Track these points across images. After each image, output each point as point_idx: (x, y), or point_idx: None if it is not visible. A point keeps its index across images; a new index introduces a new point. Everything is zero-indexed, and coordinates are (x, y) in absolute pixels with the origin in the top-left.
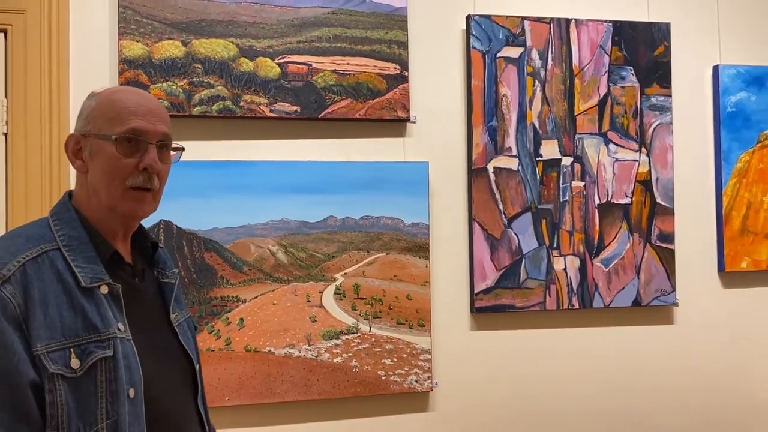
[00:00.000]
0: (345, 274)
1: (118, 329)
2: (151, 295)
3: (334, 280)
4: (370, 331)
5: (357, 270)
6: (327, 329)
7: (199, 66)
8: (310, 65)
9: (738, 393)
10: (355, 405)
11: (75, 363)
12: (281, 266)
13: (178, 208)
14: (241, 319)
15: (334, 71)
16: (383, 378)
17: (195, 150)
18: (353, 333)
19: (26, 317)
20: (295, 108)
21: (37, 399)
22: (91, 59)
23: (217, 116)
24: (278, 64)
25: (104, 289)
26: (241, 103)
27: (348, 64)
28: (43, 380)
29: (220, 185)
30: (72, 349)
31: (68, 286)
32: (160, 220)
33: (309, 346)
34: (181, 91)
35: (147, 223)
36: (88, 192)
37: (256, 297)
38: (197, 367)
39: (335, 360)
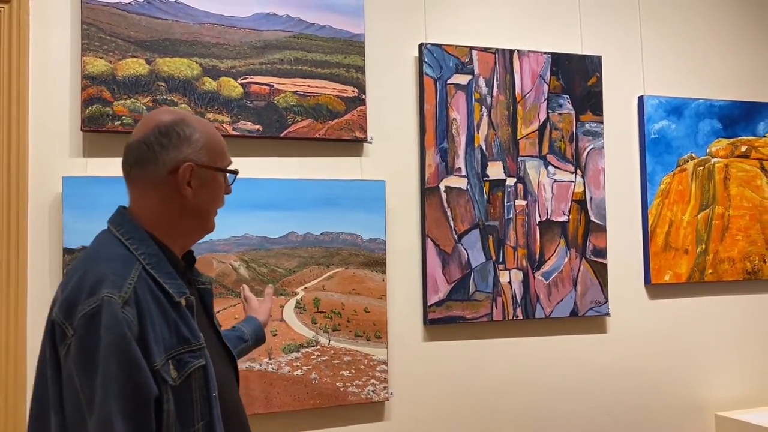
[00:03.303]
0: (305, 288)
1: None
2: (198, 302)
3: (295, 294)
4: (329, 344)
5: (317, 284)
6: (288, 343)
7: (163, 84)
8: (272, 86)
9: (666, 394)
10: (315, 417)
11: (174, 373)
12: (243, 281)
13: None
14: None
15: (295, 92)
16: (341, 389)
17: None
18: (313, 346)
19: (143, 335)
20: (257, 127)
21: (156, 411)
22: (52, 75)
23: None
24: (241, 84)
25: (183, 302)
26: None
27: (308, 85)
28: (161, 392)
29: None
30: (170, 361)
31: (161, 301)
32: None
33: (270, 359)
34: (144, 108)
35: None
36: (172, 214)
37: (218, 312)
38: (236, 364)
39: (295, 373)
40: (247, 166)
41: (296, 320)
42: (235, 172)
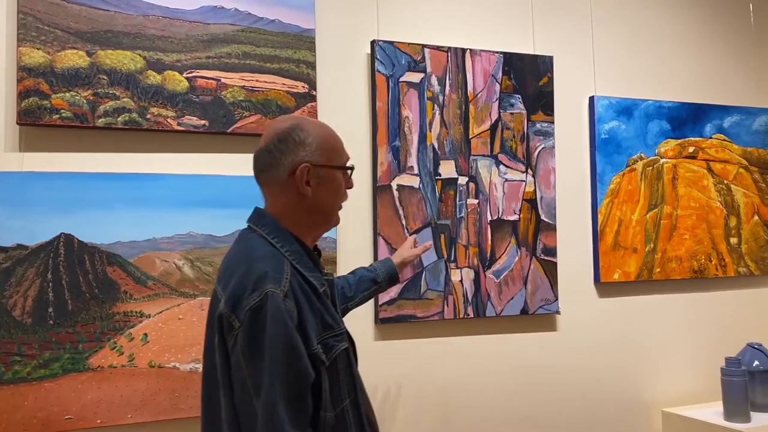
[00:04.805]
0: None
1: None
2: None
3: None
4: None
5: None
6: None
7: (105, 77)
8: (219, 80)
9: (614, 391)
10: None
11: (323, 356)
12: (187, 280)
13: (80, 221)
14: (145, 334)
15: (243, 87)
16: None
17: (99, 162)
18: None
19: (302, 324)
20: (203, 122)
21: (314, 393)
22: None
23: (123, 128)
24: (187, 78)
25: (324, 291)
26: (148, 116)
27: (257, 81)
28: (318, 373)
29: (125, 198)
30: (319, 345)
31: (307, 292)
32: (60, 234)
33: None
34: (85, 101)
35: (45, 236)
36: (300, 212)
37: (161, 312)
38: (355, 345)
39: None
40: (192, 163)
41: None
42: (351, 168)
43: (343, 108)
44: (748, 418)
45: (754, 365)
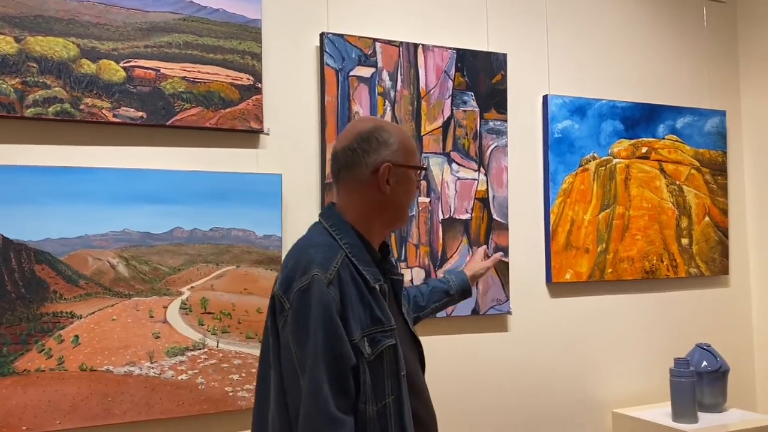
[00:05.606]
0: (192, 287)
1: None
2: (390, 291)
3: (180, 294)
4: (217, 347)
5: (205, 283)
6: (171, 345)
7: (34, 65)
8: (159, 71)
9: (565, 392)
10: (201, 423)
11: (368, 349)
12: (122, 280)
13: (6, 217)
14: (76, 336)
15: (184, 78)
16: (231, 394)
17: (27, 154)
18: (200, 349)
19: (344, 313)
20: (140, 114)
21: (355, 382)
22: None
23: (54, 119)
24: (123, 68)
25: (378, 288)
26: (81, 107)
27: (199, 71)
28: (359, 364)
29: (56, 193)
30: (365, 338)
31: (359, 285)
32: None
33: (151, 363)
34: (12, 90)
35: None
36: (374, 209)
37: (93, 312)
38: (422, 350)
39: (180, 377)
40: (128, 156)
41: (181, 322)
42: (425, 169)
43: (290, 102)
44: (696, 418)
45: (702, 366)
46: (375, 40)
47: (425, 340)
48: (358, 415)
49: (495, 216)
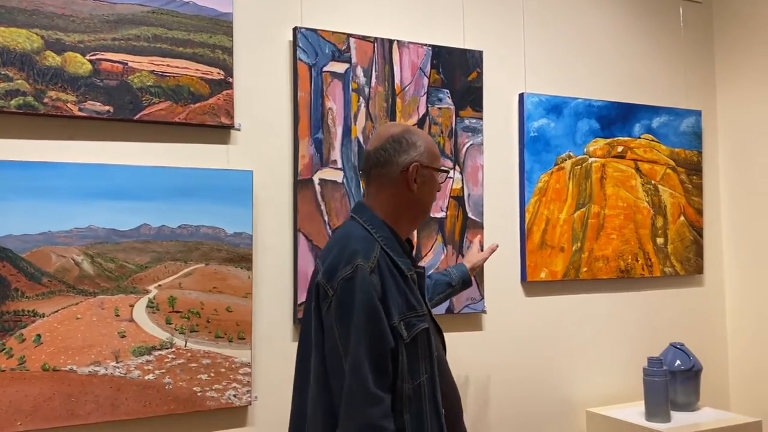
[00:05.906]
0: (159, 286)
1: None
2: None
3: (147, 292)
4: (186, 346)
5: (173, 281)
6: (138, 345)
7: None
8: (126, 64)
9: (539, 391)
10: (168, 424)
11: (404, 333)
12: (87, 277)
13: None
14: (38, 335)
15: (152, 72)
16: (199, 394)
17: None
18: (167, 348)
19: (384, 298)
20: (107, 108)
21: (393, 362)
22: None
23: (16, 112)
24: (90, 61)
25: (410, 276)
26: (45, 100)
27: (168, 65)
28: (397, 346)
29: (17, 188)
30: (402, 322)
31: (394, 274)
32: None
33: (117, 363)
34: None
35: None
36: (401, 205)
37: (56, 311)
38: (443, 336)
39: (146, 377)
40: (94, 151)
41: (148, 321)
42: (447, 172)
43: (262, 97)
44: (669, 417)
45: (675, 365)
46: (349, 35)
47: None
48: (395, 393)
49: (470, 214)
